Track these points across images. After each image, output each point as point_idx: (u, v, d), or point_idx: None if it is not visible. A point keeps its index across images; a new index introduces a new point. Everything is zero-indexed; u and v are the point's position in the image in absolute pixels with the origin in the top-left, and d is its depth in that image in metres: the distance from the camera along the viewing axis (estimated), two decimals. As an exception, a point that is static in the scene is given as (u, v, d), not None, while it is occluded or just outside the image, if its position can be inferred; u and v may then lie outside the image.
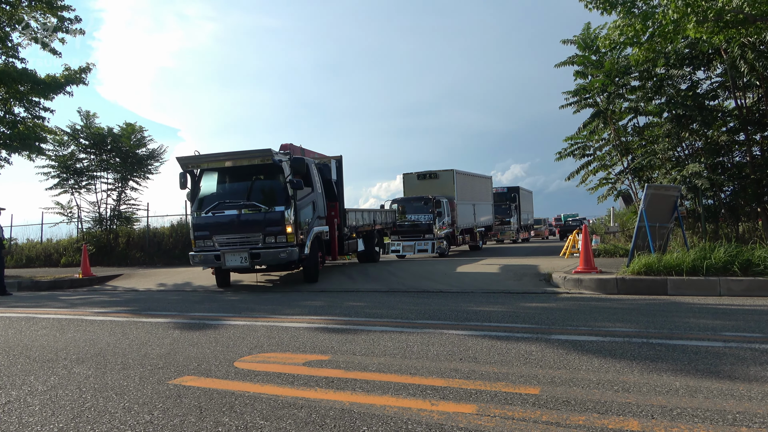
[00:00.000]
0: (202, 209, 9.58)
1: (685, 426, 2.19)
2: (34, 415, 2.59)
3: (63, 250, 19.29)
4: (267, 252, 9.11)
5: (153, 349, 4.14)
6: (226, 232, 9.31)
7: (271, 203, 9.34)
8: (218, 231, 9.34)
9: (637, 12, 10.03)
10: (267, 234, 9.19)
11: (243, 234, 9.26)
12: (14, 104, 14.59)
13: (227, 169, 9.83)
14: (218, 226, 9.37)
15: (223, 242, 9.33)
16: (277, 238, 9.19)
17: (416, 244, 17.57)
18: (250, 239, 9.23)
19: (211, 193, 9.82)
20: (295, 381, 3.07)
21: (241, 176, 10.00)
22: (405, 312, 5.81)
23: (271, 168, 9.61)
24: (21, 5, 13.64)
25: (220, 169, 9.87)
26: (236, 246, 9.27)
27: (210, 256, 9.29)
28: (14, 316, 6.65)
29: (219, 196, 9.68)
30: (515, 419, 2.32)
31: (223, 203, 9.49)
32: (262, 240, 9.19)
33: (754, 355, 3.40)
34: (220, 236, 9.34)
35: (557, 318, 5.12)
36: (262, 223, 9.26)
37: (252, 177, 9.92)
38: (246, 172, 9.93)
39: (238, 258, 9.15)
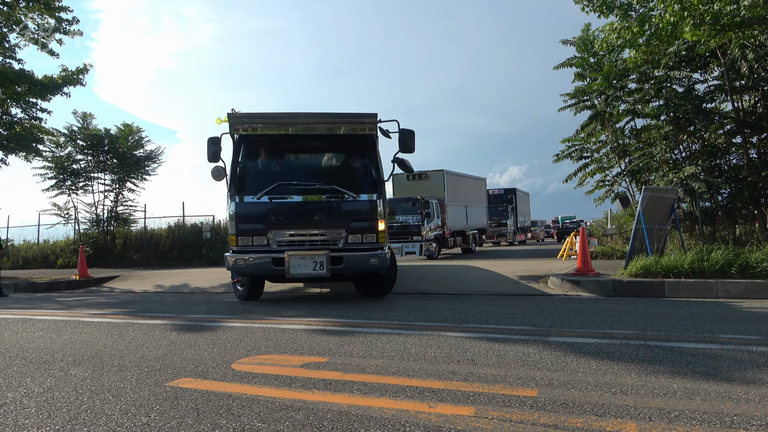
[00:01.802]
0: (250, 192, 6.96)
1: (683, 428, 2.20)
2: (30, 417, 2.58)
3: (60, 251, 19.25)
4: (352, 256, 6.78)
5: (150, 350, 4.13)
6: (291, 225, 6.87)
7: (356, 189, 7.04)
8: (279, 224, 6.86)
9: (634, 15, 10.07)
10: (352, 231, 6.91)
11: (318, 230, 6.90)
12: (11, 105, 14.56)
13: (290, 138, 7.32)
14: (280, 217, 6.90)
15: (285, 240, 6.86)
16: (365, 236, 6.94)
17: (404, 246, 16.95)
18: (327, 237, 6.89)
19: (261, 170, 7.45)
20: (292, 383, 3.06)
21: (309, 149, 7.74)
22: (402, 314, 5.81)
23: (360, 141, 7.28)
24: (18, 6, 13.62)
25: (281, 139, 7.34)
26: (306, 246, 6.85)
27: (264, 260, 6.69)
28: (10, 317, 6.63)
29: (274, 176, 7.25)
30: (513, 421, 2.32)
31: (288, 185, 6.94)
32: (344, 239, 6.88)
33: (752, 358, 3.40)
34: (280, 231, 6.85)
35: (555, 320, 5.12)
36: (347, 216, 6.95)
37: (326, 151, 7.67)
38: (318, 143, 7.60)
39: (311, 263, 6.66)
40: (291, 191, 6.93)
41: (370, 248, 6.92)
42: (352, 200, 6.95)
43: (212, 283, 11.13)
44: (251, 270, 6.88)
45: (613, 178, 15.29)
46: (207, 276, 12.45)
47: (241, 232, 6.90)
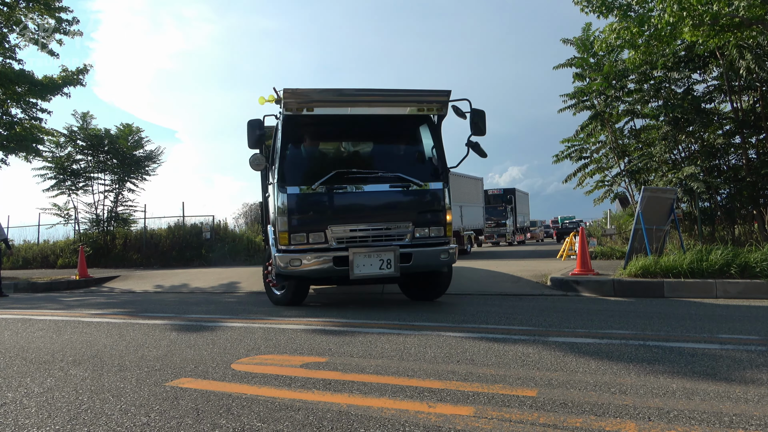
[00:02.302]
0: (301, 181, 6.07)
1: (682, 428, 2.20)
2: (31, 417, 2.58)
3: (60, 251, 19.24)
4: (422, 252, 6.11)
5: (150, 350, 4.13)
6: (354, 219, 6.09)
7: (419, 176, 6.31)
8: (339, 218, 6.06)
9: (633, 15, 10.08)
10: (419, 224, 6.22)
11: (383, 223, 6.14)
12: (11, 105, 14.57)
13: (347, 118, 6.44)
14: (340, 209, 6.12)
15: (346, 237, 6.05)
16: (432, 230, 6.30)
17: None
18: (392, 232, 6.16)
19: (313, 156, 6.72)
20: (292, 383, 3.07)
21: (367, 130, 6.84)
22: (402, 314, 5.81)
23: (425, 122, 6.60)
24: (18, 6, 13.63)
25: (336, 119, 6.46)
26: (369, 242, 6.09)
27: (325, 260, 5.88)
28: (10, 317, 6.63)
29: (328, 162, 6.52)
30: (512, 421, 2.33)
31: (347, 173, 6.15)
32: (411, 233, 6.19)
33: (751, 358, 3.41)
34: (341, 226, 6.04)
35: (554, 320, 5.12)
36: (413, 207, 6.27)
37: (386, 133, 6.83)
38: (378, 124, 6.72)
39: (377, 262, 5.94)
40: (350, 180, 6.12)
41: (438, 243, 6.28)
42: (419, 189, 6.24)
43: (212, 283, 11.13)
44: (310, 272, 5.92)
45: (612, 178, 15.30)
46: (207, 276, 12.45)
47: (294, 228, 5.97)
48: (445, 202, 6.38)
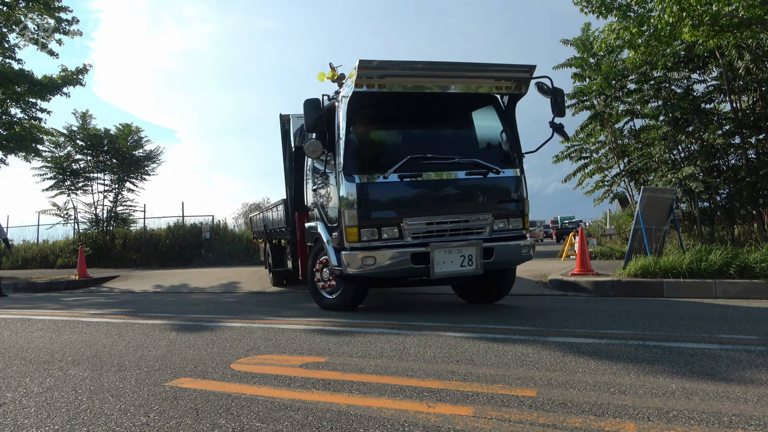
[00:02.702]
0: (368, 169, 5.49)
1: (681, 428, 2.20)
2: (30, 417, 2.58)
3: (59, 251, 19.24)
4: (503, 247, 5.62)
5: (149, 350, 4.13)
6: (431, 211, 5.50)
7: (494, 162, 5.76)
8: (415, 210, 5.46)
9: (633, 16, 10.09)
10: (498, 215, 5.68)
11: (462, 215, 5.57)
12: (11, 105, 14.57)
13: (413, 98, 5.83)
14: (416, 200, 5.54)
15: (422, 231, 5.45)
16: (511, 221, 5.77)
17: None
18: (471, 225, 5.59)
19: (380, 141, 6.15)
20: (291, 383, 3.07)
21: (438, 111, 6.25)
22: (401, 314, 5.81)
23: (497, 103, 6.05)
24: (18, 6, 13.62)
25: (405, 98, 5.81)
26: (447, 236, 5.50)
27: (402, 257, 5.29)
28: (10, 317, 6.63)
29: (396, 147, 5.98)
30: (512, 421, 2.33)
31: (421, 159, 5.51)
32: (490, 226, 5.63)
33: (750, 358, 3.41)
34: (417, 219, 5.44)
35: (554, 320, 5.12)
36: (492, 196, 5.73)
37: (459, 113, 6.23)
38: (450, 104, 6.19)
39: (458, 258, 5.36)
40: (424, 167, 5.51)
41: (517, 236, 5.79)
42: (497, 176, 5.70)
43: (211, 283, 11.14)
44: (385, 271, 5.31)
45: (612, 178, 15.30)
46: (206, 276, 12.46)
47: (366, 222, 5.32)
48: (523, 190, 5.89)
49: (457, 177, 5.63)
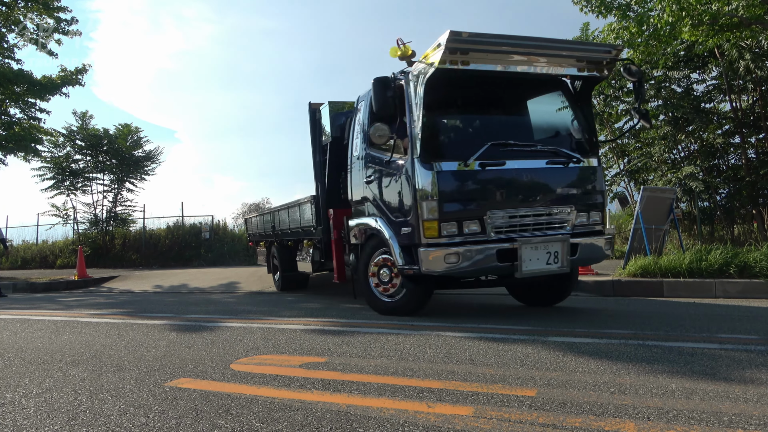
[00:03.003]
0: (444, 156, 4.98)
1: (681, 428, 2.20)
2: (29, 418, 2.58)
3: (59, 251, 19.24)
4: (588, 244, 5.22)
5: (149, 351, 4.13)
6: (514, 203, 5.03)
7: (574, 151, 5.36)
8: (499, 202, 4.97)
9: (633, 15, 10.09)
10: (580, 208, 5.24)
11: (545, 208, 5.12)
12: (10, 105, 14.56)
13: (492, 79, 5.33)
14: (500, 191, 5.00)
15: (505, 225, 4.95)
16: (591, 215, 5.34)
17: None
18: (553, 219, 5.14)
19: (455, 126, 5.69)
20: (291, 383, 3.06)
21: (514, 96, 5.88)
22: (401, 314, 5.80)
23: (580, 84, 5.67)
24: (17, 6, 13.61)
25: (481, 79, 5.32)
26: (530, 230, 5.04)
27: (488, 252, 4.79)
28: (9, 317, 6.62)
29: (472, 132, 5.58)
30: (512, 421, 2.32)
31: (502, 146, 5.08)
32: (571, 220, 5.19)
33: (750, 357, 3.41)
34: (501, 212, 4.94)
35: (553, 320, 5.12)
36: (574, 187, 5.32)
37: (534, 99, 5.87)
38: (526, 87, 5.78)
39: (544, 255, 4.92)
40: (506, 154, 5.04)
41: (597, 231, 5.36)
42: (578, 166, 5.28)
43: (211, 283, 11.14)
44: (469, 270, 4.81)
45: (611, 178, 15.29)
46: (206, 276, 12.45)
47: (446, 215, 4.82)
48: (602, 181, 5.48)
49: (541, 166, 5.16)
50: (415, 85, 5.06)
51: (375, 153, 5.67)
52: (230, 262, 17.15)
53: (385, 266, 5.55)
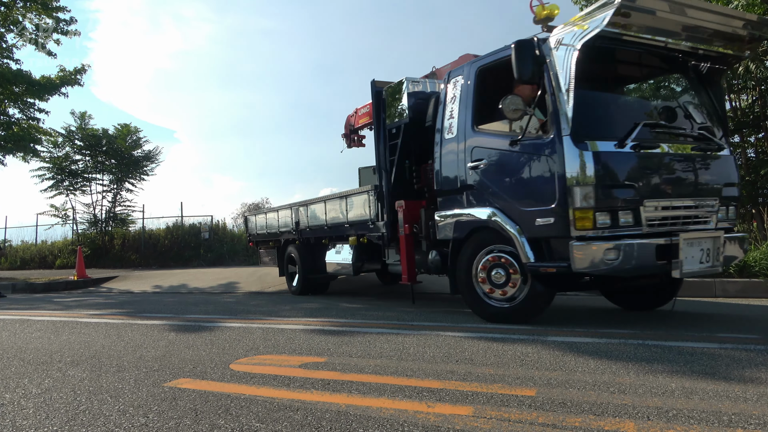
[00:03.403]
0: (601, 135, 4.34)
1: (681, 427, 2.20)
2: (28, 418, 2.57)
3: (58, 252, 19.23)
4: (731, 239, 4.73)
5: (148, 351, 4.13)
6: (668, 192, 4.47)
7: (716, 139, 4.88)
8: (655, 190, 4.41)
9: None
10: (722, 201, 4.75)
11: (695, 199, 4.59)
12: (9, 105, 14.55)
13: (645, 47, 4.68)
14: (657, 178, 4.46)
15: (658, 216, 4.36)
16: (729, 210, 4.89)
17: None
18: (700, 212, 4.60)
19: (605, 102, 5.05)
20: (291, 383, 3.06)
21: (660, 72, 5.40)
22: (401, 313, 5.81)
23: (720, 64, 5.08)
24: (16, 6, 13.60)
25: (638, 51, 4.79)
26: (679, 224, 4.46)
27: (647, 248, 4.18)
28: (8, 318, 6.62)
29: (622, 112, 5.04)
30: (511, 421, 2.32)
31: (655, 128, 4.64)
32: (715, 214, 4.68)
33: (750, 357, 3.41)
34: (659, 202, 4.37)
35: (553, 319, 5.12)
36: (720, 179, 4.80)
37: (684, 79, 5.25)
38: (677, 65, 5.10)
39: (698, 252, 4.36)
40: (659, 137, 4.58)
41: (733, 227, 4.96)
42: (722, 155, 4.80)
43: (210, 283, 11.14)
44: (626, 268, 4.17)
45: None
46: (205, 276, 12.45)
47: (603, 203, 4.17)
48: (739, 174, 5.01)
49: (691, 152, 4.65)
50: (566, 51, 4.36)
51: (488, 133, 4.97)
52: (230, 262, 17.15)
53: (498, 265, 4.83)
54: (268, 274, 11.61)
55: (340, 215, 7.43)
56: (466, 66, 5.35)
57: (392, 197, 6.27)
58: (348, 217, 7.20)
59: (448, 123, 5.46)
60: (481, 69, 5.15)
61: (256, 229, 10.38)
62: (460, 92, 5.34)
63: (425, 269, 6.09)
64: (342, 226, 7.40)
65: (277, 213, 9.40)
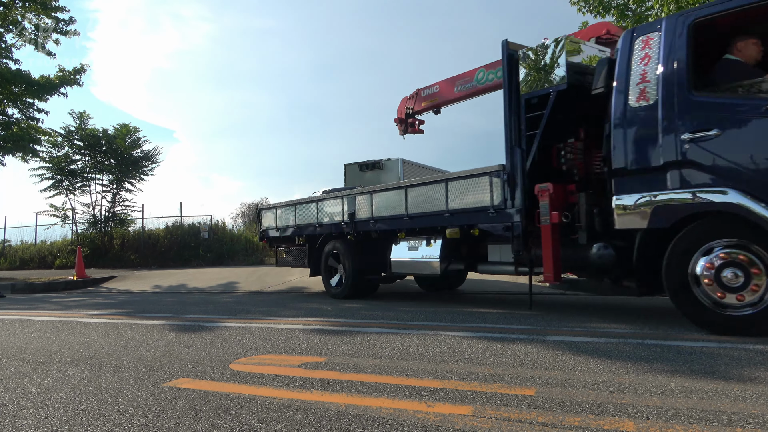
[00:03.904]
0: None
1: (680, 426, 2.20)
2: (28, 418, 2.57)
3: (57, 252, 19.22)
4: None
5: (148, 351, 4.12)
6: None
7: None
8: None
9: (631, 15, 10.11)
10: None
11: None
12: (8, 105, 14.54)
13: None
14: None
15: None
16: None
17: None
18: None
19: None
20: (290, 383, 3.06)
21: None
22: (400, 313, 5.81)
23: None
24: (15, 6, 13.59)
25: None
26: None
27: None
28: (8, 318, 6.61)
29: None
30: (511, 420, 2.32)
31: None
32: None
33: (749, 356, 3.41)
34: None
35: (553, 319, 5.13)
36: None
37: None
38: None
39: None
40: None
41: None
42: None
43: (210, 283, 11.13)
44: None
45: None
46: (205, 276, 12.45)
47: None
48: None
49: None
50: None
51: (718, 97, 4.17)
52: (229, 262, 17.15)
53: (733, 263, 3.96)
54: (268, 274, 11.62)
55: (434, 203, 6.35)
56: (667, 20, 4.49)
57: (529, 180, 5.40)
58: (450, 204, 6.15)
59: (637, 88, 4.55)
60: (696, 23, 4.29)
61: (276, 224, 9.15)
62: (662, 51, 4.43)
63: (576, 267, 5.31)
64: (436, 215, 6.32)
65: (317, 204, 8.22)
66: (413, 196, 6.65)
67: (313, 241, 8.43)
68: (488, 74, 7.90)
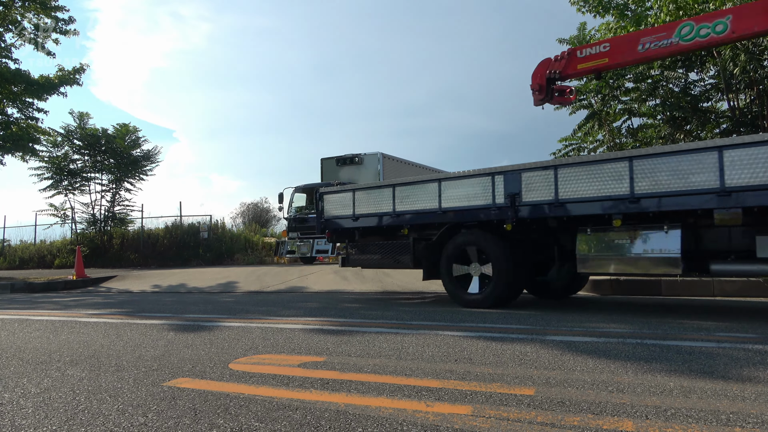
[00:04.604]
0: None
1: (679, 426, 2.20)
2: (27, 418, 2.57)
3: (57, 251, 19.21)
4: None
5: (147, 350, 4.12)
6: None
7: None
8: None
9: (630, 15, 10.12)
10: None
11: None
12: (7, 105, 14.53)
13: None
14: None
15: None
16: None
17: (315, 242, 14.11)
18: None
19: None
20: (290, 382, 3.06)
21: None
22: (400, 313, 5.81)
23: None
24: (14, 6, 13.58)
25: None
26: None
27: None
28: (7, 317, 6.61)
29: None
30: (510, 420, 2.33)
31: None
32: None
33: (747, 356, 3.42)
34: None
35: (552, 319, 5.13)
36: None
37: None
38: None
39: None
40: None
41: None
42: None
43: (209, 282, 11.13)
44: None
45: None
46: (204, 276, 12.44)
47: None
48: None
49: None
50: None
51: None
52: (229, 261, 17.14)
53: None
54: (267, 274, 11.61)
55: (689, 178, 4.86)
56: None
57: None
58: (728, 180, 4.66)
59: None
60: None
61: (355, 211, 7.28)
62: None
63: None
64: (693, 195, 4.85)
65: (438, 184, 6.50)
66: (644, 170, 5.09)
67: (425, 232, 6.82)
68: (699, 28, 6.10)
